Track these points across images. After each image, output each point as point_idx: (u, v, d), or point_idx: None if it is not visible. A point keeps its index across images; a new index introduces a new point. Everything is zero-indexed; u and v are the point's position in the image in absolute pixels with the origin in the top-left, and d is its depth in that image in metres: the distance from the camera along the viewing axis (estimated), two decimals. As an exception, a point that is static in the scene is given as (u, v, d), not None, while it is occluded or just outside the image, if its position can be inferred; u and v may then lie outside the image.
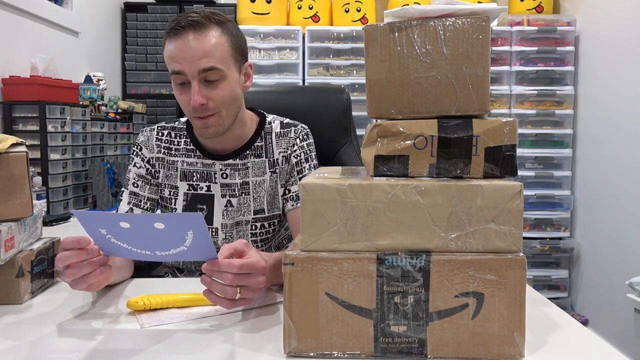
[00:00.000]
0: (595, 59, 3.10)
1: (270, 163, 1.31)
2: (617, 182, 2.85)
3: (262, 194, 1.30)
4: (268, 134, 1.32)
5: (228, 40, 1.18)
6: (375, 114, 0.82)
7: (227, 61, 1.18)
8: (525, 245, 3.16)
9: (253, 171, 1.29)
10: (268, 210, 1.31)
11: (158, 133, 1.32)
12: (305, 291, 0.77)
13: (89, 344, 0.85)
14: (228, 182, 1.29)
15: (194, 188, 1.29)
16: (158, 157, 1.31)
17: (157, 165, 1.31)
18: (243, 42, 1.24)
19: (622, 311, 2.67)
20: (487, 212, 0.76)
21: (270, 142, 1.31)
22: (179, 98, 1.20)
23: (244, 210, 1.29)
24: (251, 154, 1.30)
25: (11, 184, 1.03)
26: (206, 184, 1.29)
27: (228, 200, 1.29)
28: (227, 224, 1.29)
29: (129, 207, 1.28)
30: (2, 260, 0.99)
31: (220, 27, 1.17)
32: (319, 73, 3.29)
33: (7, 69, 2.21)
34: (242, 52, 1.24)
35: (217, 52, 1.15)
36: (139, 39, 3.49)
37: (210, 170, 1.29)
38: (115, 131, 2.68)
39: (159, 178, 1.31)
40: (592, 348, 0.83)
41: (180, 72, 1.15)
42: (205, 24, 1.15)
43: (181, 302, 1.01)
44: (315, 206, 0.77)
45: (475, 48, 0.80)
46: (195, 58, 1.13)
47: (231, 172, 1.29)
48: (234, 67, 1.20)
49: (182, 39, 1.14)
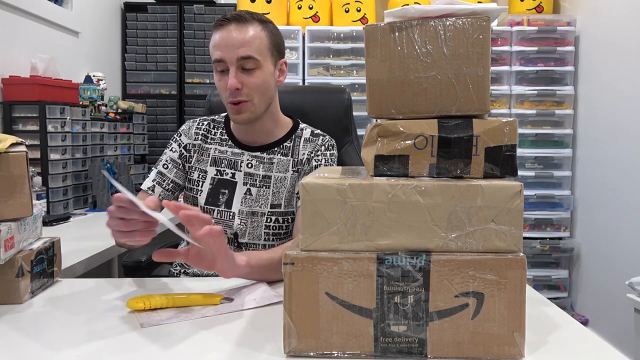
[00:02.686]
0: (595, 59, 3.10)
1: (294, 162, 1.39)
2: (617, 182, 2.85)
3: (281, 190, 1.37)
4: (298, 137, 1.42)
5: (267, 35, 1.31)
6: (376, 113, 0.82)
7: (264, 53, 1.29)
8: (525, 245, 3.16)
9: (277, 167, 1.38)
10: (285, 206, 1.37)
11: (199, 123, 1.45)
12: (305, 291, 0.77)
13: (89, 344, 0.85)
14: (251, 172, 1.38)
15: (220, 173, 1.39)
16: (194, 144, 1.42)
17: (192, 151, 1.42)
18: (281, 41, 1.37)
19: (622, 311, 2.67)
20: (487, 212, 0.76)
21: (298, 145, 1.41)
22: (218, 84, 1.32)
23: (261, 202, 1.36)
24: (279, 151, 1.39)
25: (11, 184, 1.02)
26: (232, 171, 1.39)
27: (248, 188, 1.37)
28: (244, 211, 1.36)
29: (153, 184, 1.40)
30: (2, 260, 0.99)
31: (262, 24, 1.31)
32: (319, 73, 3.29)
33: (7, 69, 2.21)
34: (279, 49, 1.36)
35: (255, 43, 1.27)
36: (139, 39, 3.48)
37: (238, 159, 1.39)
38: (115, 131, 2.68)
39: (191, 162, 1.42)
40: (592, 348, 0.83)
41: (221, 59, 1.27)
42: (248, 18, 1.29)
43: (181, 302, 1.01)
44: (315, 206, 0.77)
45: (476, 48, 0.80)
46: (235, 46, 1.26)
47: (256, 163, 1.38)
48: (269, 59, 1.32)
49: (226, 30, 1.27)
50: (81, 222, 2.02)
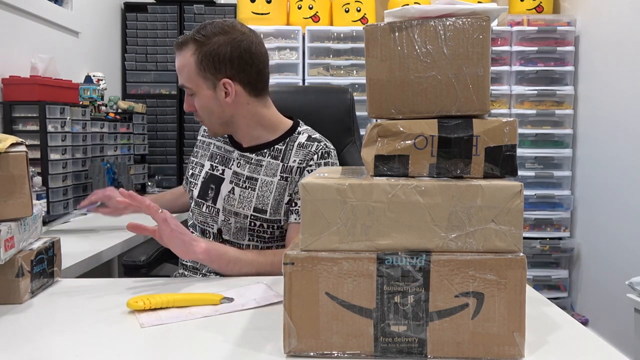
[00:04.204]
0: (595, 59, 3.09)
1: (283, 168, 1.34)
2: (617, 182, 2.85)
3: (267, 194, 1.33)
4: (292, 141, 1.37)
5: (196, 60, 1.28)
6: (376, 113, 0.82)
7: (194, 80, 1.31)
8: (525, 245, 3.16)
9: (265, 170, 1.35)
10: (271, 214, 1.33)
11: None
12: (305, 291, 0.77)
13: (89, 343, 0.85)
14: (238, 172, 1.38)
15: (212, 168, 1.43)
16: (203, 140, 1.50)
17: (201, 147, 1.50)
18: (219, 61, 1.28)
19: (622, 311, 2.67)
20: (487, 212, 0.76)
21: (290, 149, 1.36)
22: None
23: (244, 204, 1.34)
24: (269, 153, 1.37)
25: (11, 184, 1.02)
26: (223, 167, 1.41)
27: (232, 187, 1.37)
28: (227, 209, 1.37)
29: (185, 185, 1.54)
30: (2, 260, 0.99)
31: (196, 45, 1.28)
32: (319, 73, 3.29)
33: (7, 69, 2.21)
34: (215, 70, 1.29)
35: (184, 72, 1.31)
36: (139, 39, 3.48)
37: (229, 156, 1.42)
38: (115, 131, 2.68)
39: (197, 157, 1.49)
40: (592, 348, 0.83)
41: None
42: (184, 43, 1.30)
43: (181, 302, 1.01)
44: (315, 206, 0.77)
45: (476, 48, 0.80)
46: (178, 74, 1.33)
47: (244, 163, 1.38)
48: (203, 84, 1.31)
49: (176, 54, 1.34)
50: (81, 222, 2.02)
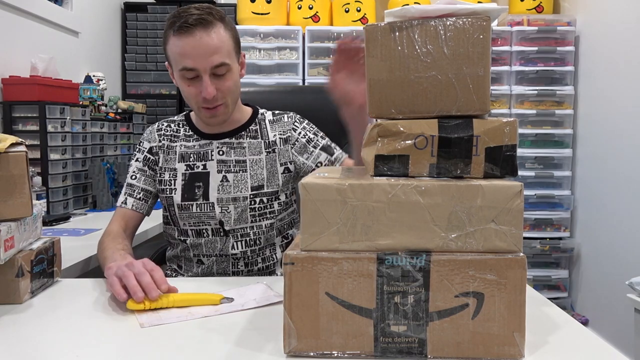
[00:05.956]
0: (595, 59, 3.09)
1: (266, 144, 1.41)
2: (617, 182, 2.85)
3: (259, 171, 1.38)
4: (262, 120, 1.44)
5: (230, 35, 1.30)
6: (376, 113, 0.82)
7: (232, 55, 1.30)
8: (525, 245, 3.16)
9: (250, 150, 1.39)
10: (267, 186, 1.38)
11: (159, 125, 1.45)
12: (305, 291, 0.77)
13: (89, 343, 0.85)
14: (224, 159, 1.38)
15: (190, 168, 1.38)
16: (159, 145, 1.42)
17: (158, 152, 1.41)
18: (238, 34, 1.36)
19: (622, 311, 2.67)
20: (487, 212, 0.76)
21: (264, 127, 1.43)
22: (187, 90, 1.29)
23: (241, 187, 1.37)
24: (246, 135, 1.41)
25: (11, 184, 1.02)
26: (202, 162, 1.38)
27: (224, 175, 1.37)
28: (223, 198, 1.36)
29: (124, 197, 1.40)
30: (2, 260, 0.99)
31: (223, 23, 1.28)
32: (319, 73, 3.29)
33: (7, 69, 2.21)
34: (239, 44, 1.36)
35: (225, 49, 1.26)
36: (139, 39, 3.48)
37: (207, 149, 1.39)
38: (115, 131, 2.68)
39: (158, 164, 1.41)
40: (592, 348, 0.83)
41: (193, 68, 1.24)
42: (211, 20, 1.24)
43: (181, 302, 1.01)
44: (315, 206, 0.77)
45: (476, 48, 0.80)
46: (207, 55, 1.23)
47: (227, 149, 1.39)
48: (235, 59, 1.32)
49: (192, 37, 1.23)
50: (81, 222, 2.02)
